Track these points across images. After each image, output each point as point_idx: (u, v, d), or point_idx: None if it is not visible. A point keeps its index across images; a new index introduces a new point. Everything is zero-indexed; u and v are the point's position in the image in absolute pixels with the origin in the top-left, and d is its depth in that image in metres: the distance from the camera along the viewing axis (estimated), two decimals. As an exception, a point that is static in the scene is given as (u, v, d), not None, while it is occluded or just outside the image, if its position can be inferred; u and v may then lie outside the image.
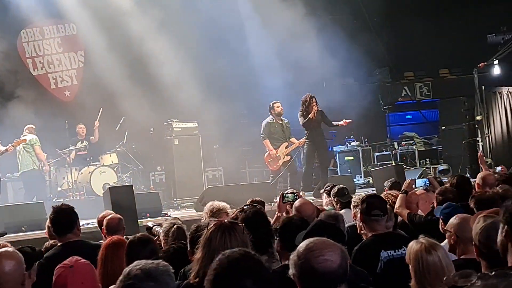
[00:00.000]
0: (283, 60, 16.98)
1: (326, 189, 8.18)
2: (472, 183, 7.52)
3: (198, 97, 15.73)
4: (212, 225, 3.59)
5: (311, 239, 2.95)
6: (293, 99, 16.27)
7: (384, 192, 7.42)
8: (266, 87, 16.95)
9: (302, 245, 2.91)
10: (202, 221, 5.49)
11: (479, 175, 7.74)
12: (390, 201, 6.79)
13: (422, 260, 3.75)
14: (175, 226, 5.54)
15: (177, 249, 4.96)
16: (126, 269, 2.86)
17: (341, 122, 13.45)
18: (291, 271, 2.91)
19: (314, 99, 13.27)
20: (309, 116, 13.08)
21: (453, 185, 6.83)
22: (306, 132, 13.32)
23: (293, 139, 13.75)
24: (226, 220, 3.68)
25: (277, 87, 16.74)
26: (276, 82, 16.93)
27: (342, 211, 7.00)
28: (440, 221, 5.41)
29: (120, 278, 2.85)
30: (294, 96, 16.43)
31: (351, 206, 6.60)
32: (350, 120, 13.50)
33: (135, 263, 2.87)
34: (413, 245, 3.89)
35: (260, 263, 2.72)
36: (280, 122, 13.70)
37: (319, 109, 13.31)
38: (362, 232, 5.38)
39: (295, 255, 2.89)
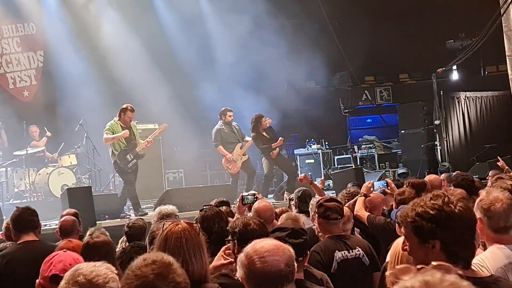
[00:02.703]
0: (244, 63, 16.96)
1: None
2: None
3: (159, 99, 15.64)
4: (167, 225, 3.54)
5: (257, 240, 2.98)
6: (254, 103, 16.30)
7: (343, 191, 7.45)
8: (226, 89, 16.92)
9: (249, 246, 2.95)
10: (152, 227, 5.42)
11: (426, 178, 7.82)
12: (346, 199, 6.84)
13: (398, 250, 3.82)
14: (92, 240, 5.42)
15: (133, 251, 4.89)
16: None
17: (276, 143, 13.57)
18: (238, 273, 2.92)
19: (261, 118, 13.47)
20: (261, 133, 13.34)
21: (411, 186, 6.88)
22: (260, 150, 13.61)
23: (246, 138, 13.85)
24: (182, 221, 3.62)
25: (238, 90, 16.72)
26: (236, 85, 16.91)
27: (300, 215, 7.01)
28: (396, 224, 5.43)
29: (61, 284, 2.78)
30: (254, 99, 16.46)
31: (309, 209, 6.61)
32: (281, 139, 13.60)
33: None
34: (400, 239, 3.97)
35: (172, 269, 2.70)
36: (229, 125, 13.76)
37: (269, 125, 13.67)
38: (319, 234, 5.38)
39: (243, 256, 2.90)
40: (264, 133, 13.56)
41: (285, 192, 13.33)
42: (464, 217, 2.66)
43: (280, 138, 13.61)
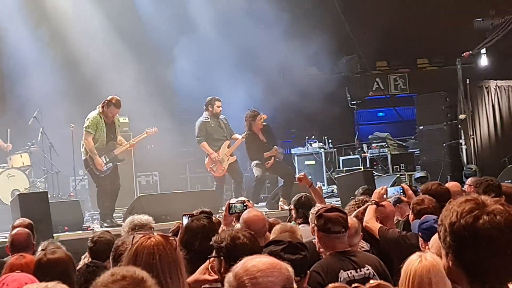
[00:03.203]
0: (231, 45, 16.94)
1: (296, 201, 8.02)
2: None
3: (130, 87, 15.57)
4: (137, 239, 3.51)
5: (249, 258, 2.94)
6: (243, 93, 16.27)
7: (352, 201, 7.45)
8: (212, 77, 16.88)
9: (238, 265, 2.90)
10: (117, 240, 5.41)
11: (446, 186, 7.85)
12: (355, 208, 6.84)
13: (410, 270, 3.83)
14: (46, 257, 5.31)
15: (88, 271, 4.89)
16: None
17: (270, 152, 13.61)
18: None
19: (256, 116, 13.53)
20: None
21: (430, 194, 6.89)
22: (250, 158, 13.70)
23: (235, 136, 13.79)
24: (155, 233, 3.60)
25: (226, 77, 16.68)
26: (225, 71, 16.87)
27: (301, 226, 7.03)
28: (420, 238, 5.42)
29: None
30: (244, 88, 16.42)
31: (309, 220, 6.62)
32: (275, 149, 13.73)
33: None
34: (412, 256, 3.98)
35: (144, 283, 2.72)
36: (216, 119, 13.72)
37: (265, 124, 13.72)
38: (320, 250, 5.36)
39: (231, 277, 2.86)
40: (260, 136, 13.55)
41: (280, 199, 13.32)
42: (498, 233, 2.54)
43: (275, 147, 13.61)
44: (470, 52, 18.91)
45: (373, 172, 15.95)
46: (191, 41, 16.96)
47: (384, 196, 7.08)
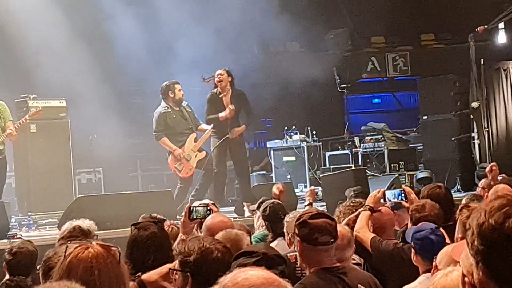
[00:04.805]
0: (197, 15, 16.89)
1: (260, 207, 8.13)
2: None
3: (68, 64, 15.48)
4: (72, 250, 3.44)
5: (241, 269, 2.86)
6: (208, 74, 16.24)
7: (345, 203, 7.47)
8: (171, 55, 16.82)
9: (227, 278, 2.81)
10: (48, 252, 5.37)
11: (496, 186, 7.97)
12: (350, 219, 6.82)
13: None
14: None
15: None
16: None
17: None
18: None
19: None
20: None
21: (431, 199, 6.98)
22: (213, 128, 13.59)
23: (202, 126, 13.71)
24: (94, 243, 3.54)
25: (189, 54, 16.65)
26: (187, 47, 16.85)
27: (274, 242, 7.15)
28: (412, 250, 5.45)
29: None
30: (211, 68, 16.38)
31: (285, 228, 6.69)
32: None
33: None
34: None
35: None
36: (178, 108, 13.63)
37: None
38: (297, 265, 5.35)
39: None
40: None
41: (244, 202, 13.26)
42: None
43: None
44: (485, 26, 18.95)
45: (366, 171, 16.00)
46: (142, 8, 16.90)
47: (381, 200, 7.08)
